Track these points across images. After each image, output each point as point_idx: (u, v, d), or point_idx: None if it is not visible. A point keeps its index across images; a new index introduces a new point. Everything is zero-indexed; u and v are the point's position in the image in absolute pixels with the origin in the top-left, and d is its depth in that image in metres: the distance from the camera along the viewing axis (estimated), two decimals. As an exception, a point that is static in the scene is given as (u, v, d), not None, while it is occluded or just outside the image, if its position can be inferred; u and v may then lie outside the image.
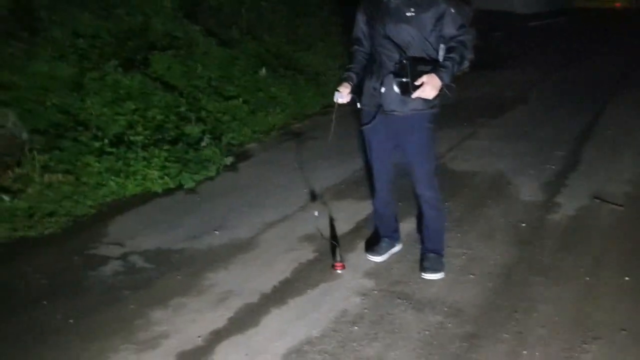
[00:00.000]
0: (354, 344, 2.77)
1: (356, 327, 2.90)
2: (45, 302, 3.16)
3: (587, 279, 3.30)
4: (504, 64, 9.16)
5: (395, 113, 3.08)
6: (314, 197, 4.40)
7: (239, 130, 5.65)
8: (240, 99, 5.99)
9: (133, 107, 5.19)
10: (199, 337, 2.85)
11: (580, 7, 16.75)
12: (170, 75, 5.88)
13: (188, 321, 2.98)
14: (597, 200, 4.27)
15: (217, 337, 2.85)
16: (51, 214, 4.05)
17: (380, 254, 3.50)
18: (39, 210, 4.06)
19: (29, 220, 3.96)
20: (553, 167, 4.96)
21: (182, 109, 5.43)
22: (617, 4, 17.14)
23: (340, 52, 7.83)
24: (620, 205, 4.19)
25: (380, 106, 3.11)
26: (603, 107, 6.73)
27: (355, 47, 3.22)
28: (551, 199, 4.36)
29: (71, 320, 3.00)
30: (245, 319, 2.98)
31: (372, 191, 3.56)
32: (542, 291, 3.19)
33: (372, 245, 3.58)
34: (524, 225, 3.95)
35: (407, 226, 3.90)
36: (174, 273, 3.44)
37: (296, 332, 2.87)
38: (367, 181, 4.60)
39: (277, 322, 2.96)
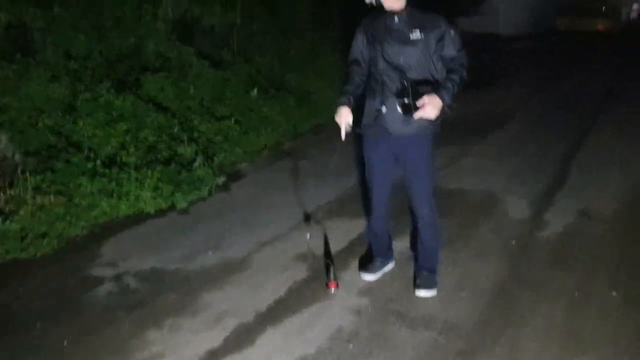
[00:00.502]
0: (349, 362, 2.79)
1: (351, 345, 2.92)
2: (38, 325, 3.14)
3: (576, 294, 3.36)
4: (492, 84, 9.32)
5: (398, 134, 3.12)
6: (307, 216, 4.43)
7: (231, 151, 5.68)
8: (232, 120, 6.04)
9: (125, 128, 5.22)
10: (195, 356, 2.85)
11: (563, 29, 17.08)
12: (163, 97, 5.92)
13: (183, 341, 2.98)
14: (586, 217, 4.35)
15: (213, 356, 2.86)
16: (44, 236, 4.04)
17: (373, 272, 3.52)
18: (31, 231, 4.05)
19: (22, 242, 3.95)
20: (541, 184, 5.04)
21: (175, 129, 5.47)
22: (599, 26, 17.47)
23: (330, 72, 7.93)
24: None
25: (382, 126, 3.14)
26: (589, 124, 6.86)
27: (353, 67, 3.23)
28: (540, 216, 4.43)
29: (65, 342, 2.99)
30: (240, 339, 2.99)
31: (365, 209, 3.60)
32: (532, 306, 3.24)
33: (365, 264, 3.60)
34: (514, 242, 4.01)
35: (400, 244, 3.93)
36: (168, 293, 3.45)
37: (292, 351, 2.88)
38: (359, 199, 4.66)
39: (273, 341, 2.98)
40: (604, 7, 18.18)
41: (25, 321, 3.19)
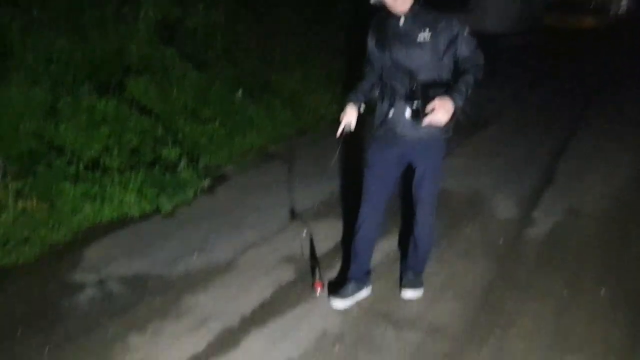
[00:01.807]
0: (335, 365, 2.76)
1: (336, 347, 2.89)
2: (20, 331, 3.08)
3: (565, 292, 3.35)
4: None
5: (407, 138, 3.00)
6: (293, 217, 4.39)
7: (216, 153, 5.63)
8: (217, 122, 5.98)
9: (108, 131, 5.14)
10: (178, 362, 2.81)
11: (551, 26, 17.13)
12: (146, 99, 5.85)
13: (167, 346, 2.94)
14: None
15: (197, 361, 2.82)
16: (25, 241, 3.97)
17: (344, 297, 3.24)
18: (13, 237, 3.97)
19: (3, 248, 3.87)
20: (528, 183, 5.04)
21: (159, 132, 5.39)
22: (588, 23, 17.52)
23: (316, 74, 7.89)
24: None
25: (390, 130, 3.03)
26: (576, 123, 6.88)
27: (367, 66, 3.14)
28: (527, 215, 4.43)
29: (47, 349, 2.93)
30: (225, 342, 2.95)
31: (351, 216, 3.41)
32: (520, 306, 3.22)
33: (336, 289, 3.31)
34: (501, 242, 4.00)
35: (387, 244, 3.91)
36: (152, 298, 3.39)
37: (277, 354, 2.84)
38: (346, 201, 4.63)
39: (258, 344, 2.94)
40: (592, 4, 18.21)
41: (5, 328, 3.12)
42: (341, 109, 3.17)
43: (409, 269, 3.39)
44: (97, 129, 5.11)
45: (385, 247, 3.86)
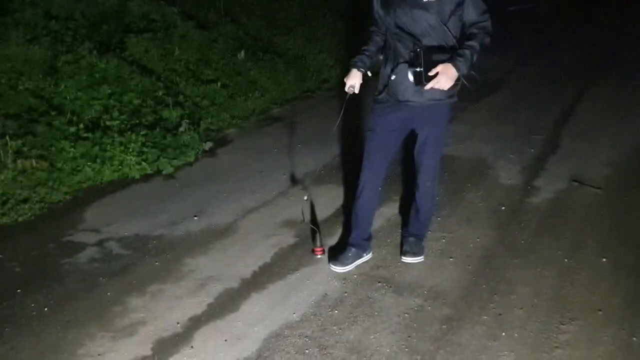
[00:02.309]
0: (334, 328, 2.77)
1: (336, 311, 2.89)
2: (19, 291, 3.09)
3: (566, 261, 3.33)
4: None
5: (410, 103, 2.94)
6: (294, 181, 4.36)
7: (217, 115, 5.57)
8: (219, 83, 5.90)
9: (109, 91, 5.08)
10: (177, 323, 2.82)
11: None
12: (147, 59, 5.77)
13: (166, 308, 2.94)
14: (576, 183, 4.31)
15: (196, 323, 2.82)
16: (25, 201, 3.96)
17: (344, 264, 3.21)
18: (12, 196, 3.96)
19: (2, 207, 3.87)
20: (532, 150, 4.98)
21: (160, 93, 5.33)
22: None
23: (320, 36, 7.75)
24: (599, 188, 4.23)
25: (392, 94, 2.97)
26: (581, 91, 6.77)
27: (373, 28, 3.06)
28: (530, 182, 4.38)
29: (46, 309, 2.94)
30: (224, 305, 2.96)
31: (353, 183, 3.35)
32: (520, 273, 3.21)
33: (335, 254, 3.29)
34: (503, 208, 3.97)
35: (387, 210, 3.89)
36: (152, 259, 3.39)
37: (276, 317, 2.85)
38: (348, 166, 4.60)
39: (257, 307, 2.94)
40: None
41: (5, 287, 3.13)
42: (345, 72, 3.11)
43: (410, 234, 3.38)
44: (97, 89, 5.06)
45: (387, 213, 3.84)
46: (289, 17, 7.90)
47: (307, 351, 2.63)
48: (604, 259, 3.33)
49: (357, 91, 3.05)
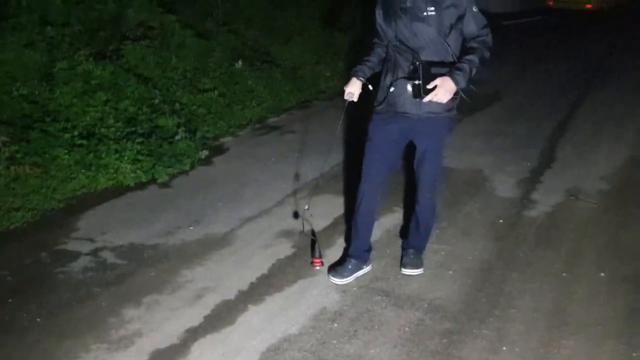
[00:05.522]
0: (334, 341, 2.73)
1: (335, 324, 2.85)
2: (11, 300, 3.03)
3: (564, 275, 3.32)
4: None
5: (408, 115, 2.94)
6: (292, 191, 4.33)
7: (214, 124, 5.54)
8: (216, 92, 5.88)
9: (105, 98, 5.04)
10: (174, 335, 2.76)
11: (553, 8, 16.95)
12: (144, 67, 5.74)
13: (162, 319, 2.89)
14: (572, 198, 4.31)
15: (193, 335, 2.77)
16: (18, 208, 3.90)
17: (344, 276, 3.18)
18: (4, 204, 3.91)
19: (-5, 214, 3.82)
20: (528, 163, 4.99)
21: (156, 101, 5.29)
22: (588, 5, 17.35)
23: (318, 46, 7.76)
24: (595, 203, 4.23)
25: (391, 106, 2.96)
26: (576, 104, 6.81)
27: (375, 39, 3.07)
28: (527, 195, 4.38)
29: (39, 319, 2.88)
30: (221, 317, 2.91)
31: (349, 192, 3.37)
32: (519, 287, 3.19)
33: (336, 267, 3.26)
34: (501, 221, 3.96)
35: (387, 221, 3.87)
36: (147, 269, 3.34)
37: (274, 330, 2.80)
38: (346, 176, 4.58)
39: (255, 319, 2.90)
40: None
41: (-4, 296, 3.07)
42: (343, 84, 3.12)
43: (410, 247, 3.35)
44: (93, 96, 5.01)
45: (386, 224, 3.81)
46: (286, 27, 7.91)
47: (306, 365, 2.59)
48: (602, 274, 3.32)
49: (355, 99, 3.05)
